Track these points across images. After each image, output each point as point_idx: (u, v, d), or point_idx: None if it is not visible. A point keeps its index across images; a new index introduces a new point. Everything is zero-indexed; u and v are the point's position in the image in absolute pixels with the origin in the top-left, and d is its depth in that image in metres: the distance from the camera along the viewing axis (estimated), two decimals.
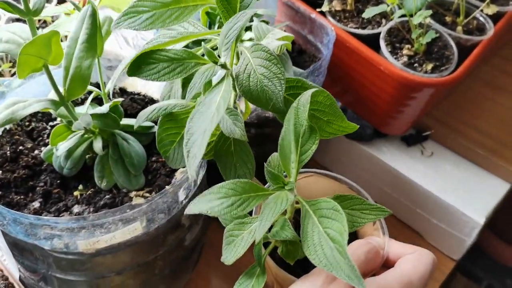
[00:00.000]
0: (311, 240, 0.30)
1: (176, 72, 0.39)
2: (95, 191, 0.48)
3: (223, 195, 0.33)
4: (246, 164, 0.41)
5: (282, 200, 0.32)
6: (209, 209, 0.32)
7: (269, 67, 0.37)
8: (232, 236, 0.35)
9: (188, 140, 0.35)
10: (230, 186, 0.33)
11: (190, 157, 0.34)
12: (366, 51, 0.56)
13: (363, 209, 0.35)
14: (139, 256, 0.46)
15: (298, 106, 0.34)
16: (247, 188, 0.33)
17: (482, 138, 0.65)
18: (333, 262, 0.28)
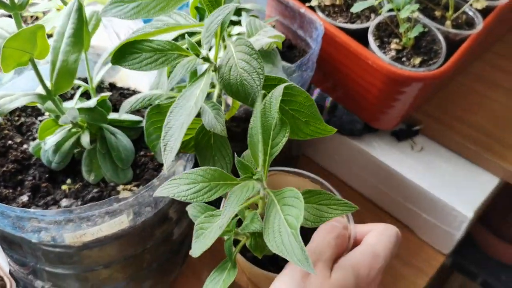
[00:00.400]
0: (272, 228, 0.30)
1: (159, 63, 0.39)
2: (83, 185, 0.48)
3: (192, 181, 0.33)
4: (224, 158, 0.41)
5: (249, 188, 0.32)
6: (176, 193, 0.33)
7: (250, 62, 0.37)
8: (202, 229, 0.36)
9: (165, 134, 0.35)
10: (199, 173, 0.33)
11: (166, 151, 0.34)
12: (354, 46, 0.56)
13: (330, 204, 0.36)
14: (126, 250, 0.46)
15: (271, 99, 0.34)
16: (216, 175, 0.34)
17: (473, 133, 0.65)
18: (288, 247, 0.29)
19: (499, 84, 0.72)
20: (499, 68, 0.74)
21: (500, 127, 0.66)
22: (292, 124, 0.40)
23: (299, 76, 0.54)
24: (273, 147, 0.36)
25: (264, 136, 0.36)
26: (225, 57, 0.39)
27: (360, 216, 0.68)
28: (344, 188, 0.70)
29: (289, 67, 0.53)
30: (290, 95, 0.39)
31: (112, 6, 0.39)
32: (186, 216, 0.53)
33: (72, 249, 0.43)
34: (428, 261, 0.63)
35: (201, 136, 0.44)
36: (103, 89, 0.58)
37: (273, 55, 0.57)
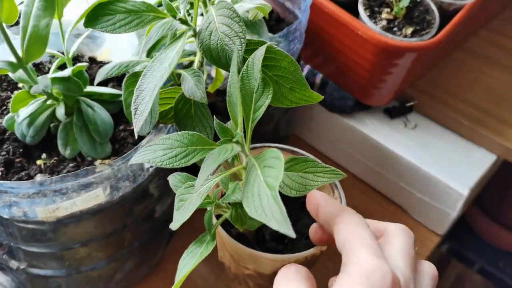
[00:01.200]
0: (251, 192, 0.28)
1: (133, 25, 0.37)
2: (59, 160, 0.46)
3: (168, 146, 0.31)
4: (206, 129, 0.39)
5: (227, 150, 0.30)
6: (152, 159, 0.31)
7: (231, 25, 0.35)
8: (182, 201, 0.34)
9: (137, 97, 0.33)
10: (176, 138, 0.31)
11: (137, 115, 0.32)
12: (344, 16, 0.54)
13: (317, 172, 0.34)
14: (104, 226, 0.44)
15: (253, 59, 0.32)
16: (194, 140, 0.32)
17: (467, 109, 0.63)
18: (267, 210, 0.27)
19: (494, 60, 0.70)
20: (495, 44, 0.72)
21: (495, 102, 0.64)
22: (276, 91, 0.38)
23: (285, 46, 0.52)
24: (256, 111, 0.34)
25: (246, 100, 0.34)
26: (205, 21, 0.37)
27: (352, 197, 0.66)
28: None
29: (274, 37, 0.51)
30: (273, 60, 0.37)
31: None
32: (169, 194, 0.51)
33: (45, 225, 0.41)
34: (422, 242, 0.61)
35: (181, 106, 0.41)
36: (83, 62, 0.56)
37: (258, 26, 0.55)
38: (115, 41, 0.60)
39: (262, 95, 0.34)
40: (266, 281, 0.44)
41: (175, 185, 0.38)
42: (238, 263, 0.43)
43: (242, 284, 0.46)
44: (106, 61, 0.57)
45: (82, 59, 0.56)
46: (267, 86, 0.34)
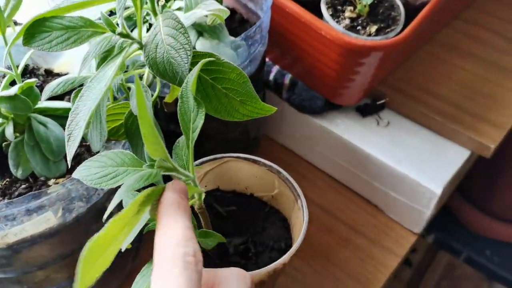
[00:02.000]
0: None
1: (70, 42, 0.35)
2: (11, 181, 0.44)
3: (102, 164, 0.30)
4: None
5: (149, 176, 0.29)
6: (85, 176, 0.29)
7: (176, 37, 0.34)
8: None
9: (71, 122, 0.32)
10: (110, 156, 0.30)
11: (70, 141, 0.30)
12: (305, 16, 0.52)
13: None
14: (60, 248, 0.43)
15: (190, 76, 0.31)
16: (126, 160, 0.30)
17: (440, 104, 0.61)
18: None
19: (468, 52, 0.68)
20: (468, 35, 0.71)
21: (469, 97, 0.62)
22: (227, 104, 0.36)
23: (245, 50, 0.50)
24: (194, 131, 0.32)
25: (185, 119, 0.33)
26: (152, 33, 0.35)
27: (327, 197, 0.65)
28: (308, 168, 0.67)
29: (234, 41, 0.49)
30: (221, 72, 0.35)
31: None
32: None
33: None
34: (398, 240, 0.60)
35: (131, 122, 0.40)
36: (38, 76, 0.54)
37: (218, 30, 0.53)
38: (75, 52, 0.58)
39: (198, 115, 0.33)
40: None
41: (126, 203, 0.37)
42: None
43: None
44: (64, 73, 0.55)
45: (37, 72, 0.54)
46: (200, 106, 0.32)
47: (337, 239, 0.60)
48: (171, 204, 0.27)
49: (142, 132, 0.27)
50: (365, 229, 0.61)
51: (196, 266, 0.24)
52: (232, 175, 0.47)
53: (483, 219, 1.07)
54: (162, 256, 0.24)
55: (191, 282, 0.23)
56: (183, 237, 0.25)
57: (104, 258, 0.26)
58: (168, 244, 0.24)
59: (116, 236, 0.27)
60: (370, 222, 0.62)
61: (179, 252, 0.24)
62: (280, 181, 0.44)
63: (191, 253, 0.24)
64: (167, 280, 0.23)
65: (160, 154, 0.28)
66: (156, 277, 0.24)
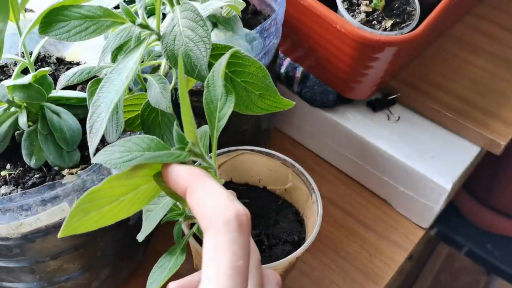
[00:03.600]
0: None
1: (90, 31, 0.35)
2: (24, 170, 0.44)
3: (126, 149, 0.30)
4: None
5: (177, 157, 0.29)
6: (108, 160, 0.29)
7: (195, 29, 0.33)
8: (148, 211, 0.32)
9: (92, 114, 0.31)
10: (135, 141, 0.30)
11: (92, 133, 0.30)
12: (321, 9, 0.52)
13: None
14: (74, 239, 0.43)
15: (218, 66, 0.31)
16: (152, 145, 0.30)
17: (451, 100, 0.61)
18: None
19: (480, 48, 0.68)
20: (479, 31, 0.70)
21: (480, 93, 0.62)
22: (246, 98, 0.36)
23: (260, 43, 0.49)
24: (220, 120, 0.32)
25: (211, 108, 0.32)
26: (170, 24, 0.35)
27: (336, 191, 0.65)
28: (318, 162, 0.67)
29: (249, 34, 0.48)
30: (241, 65, 0.35)
31: None
32: None
33: (10, 241, 0.40)
34: (406, 235, 0.60)
35: (148, 113, 0.40)
36: (50, 64, 0.53)
37: (233, 22, 0.52)
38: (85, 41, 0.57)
39: (226, 103, 0.32)
40: None
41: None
42: None
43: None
44: (75, 62, 0.54)
45: (49, 60, 0.54)
46: (230, 93, 0.32)
47: (345, 233, 0.60)
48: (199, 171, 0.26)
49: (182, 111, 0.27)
50: (374, 223, 0.61)
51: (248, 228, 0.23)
52: (245, 167, 0.47)
53: (486, 214, 1.07)
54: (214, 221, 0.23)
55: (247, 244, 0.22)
56: (228, 198, 0.23)
57: (101, 214, 0.26)
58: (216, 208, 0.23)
59: (117, 196, 0.27)
60: (379, 217, 0.62)
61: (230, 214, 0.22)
62: (294, 174, 0.44)
63: (243, 213, 0.23)
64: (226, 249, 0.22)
65: (192, 137, 0.28)
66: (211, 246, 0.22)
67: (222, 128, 0.33)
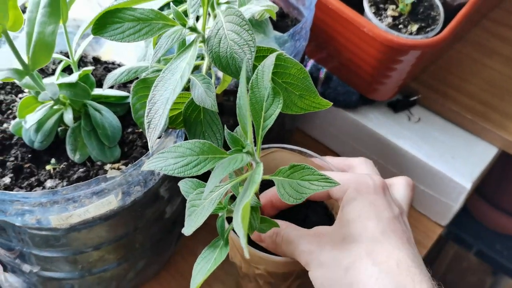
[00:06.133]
0: None
1: (142, 33, 0.37)
2: (68, 164, 0.46)
3: (180, 154, 0.32)
4: (215, 134, 0.39)
5: (237, 160, 0.30)
6: (164, 167, 0.31)
7: (240, 33, 0.35)
8: (194, 206, 0.34)
9: (149, 110, 0.33)
10: (187, 146, 0.31)
11: (150, 128, 0.32)
12: (348, 13, 0.54)
13: (312, 180, 0.34)
14: (116, 231, 0.45)
15: (263, 68, 0.32)
16: (205, 149, 0.32)
17: (470, 102, 0.63)
18: None
19: (497, 52, 0.70)
20: (497, 35, 0.72)
21: (498, 96, 0.64)
22: (286, 98, 0.38)
23: (292, 46, 0.51)
24: (266, 120, 0.34)
25: (256, 108, 0.34)
26: (214, 27, 0.36)
27: None
28: None
29: (281, 37, 0.50)
30: (282, 67, 0.37)
31: None
32: (179, 194, 0.51)
33: (58, 231, 0.42)
34: (426, 233, 0.62)
35: (190, 111, 0.41)
36: (86, 63, 0.55)
37: (264, 25, 0.54)
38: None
39: (273, 104, 0.34)
40: (277, 279, 0.45)
41: (185, 191, 0.39)
42: (249, 264, 0.44)
43: (252, 282, 0.47)
44: (111, 61, 0.56)
45: (85, 59, 0.56)
46: (277, 95, 0.34)
47: None
48: None
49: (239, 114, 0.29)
50: None
51: None
52: (277, 164, 0.48)
53: (495, 214, 1.09)
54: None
55: None
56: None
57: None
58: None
59: None
60: None
61: None
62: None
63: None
64: None
65: (250, 139, 0.29)
66: None
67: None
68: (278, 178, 0.36)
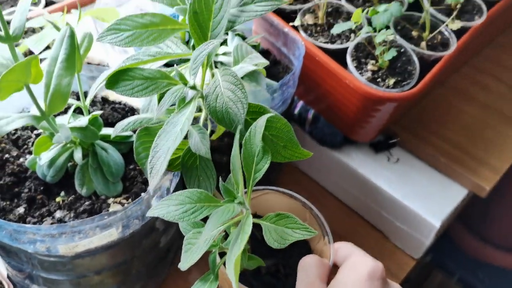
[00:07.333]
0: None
1: (149, 90, 0.41)
2: (76, 197, 0.51)
3: (180, 202, 0.37)
4: (209, 178, 0.44)
5: (229, 210, 0.35)
6: (166, 213, 0.36)
7: (235, 91, 0.40)
8: (190, 244, 0.39)
9: (152, 157, 0.38)
10: (186, 194, 0.36)
11: (153, 173, 0.37)
12: (333, 66, 0.59)
13: (295, 228, 0.39)
14: (116, 258, 0.50)
15: (255, 128, 0.38)
16: (202, 198, 0.37)
17: (445, 146, 0.69)
18: None
19: (475, 98, 0.76)
20: (474, 81, 0.78)
21: (472, 141, 0.70)
22: (271, 148, 0.42)
23: (280, 94, 0.57)
24: (256, 172, 0.39)
25: (248, 162, 0.39)
26: (212, 85, 0.41)
27: (340, 222, 0.72)
28: (323, 194, 0.74)
29: (272, 86, 0.56)
30: (269, 122, 0.41)
31: (108, 33, 0.42)
32: (173, 226, 0.57)
33: (65, 258, 0.47)
34: (400, 265, 0.68)
35: (188, 157, 0.46)
36: (96, 103, 0.61)
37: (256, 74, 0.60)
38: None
39: (262, 159, 0.39)
40: None
41: (184, 229, 0.44)
42: None
43: None
44: (118, 101, 0.62)
45: (95, 99, 0.62)
46: (266, 152, 0.39)
47: None
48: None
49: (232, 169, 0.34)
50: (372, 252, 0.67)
51: None
52: (269, 204, 0.53)
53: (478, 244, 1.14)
54: None
55: None
56: None
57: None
58: None
59: None
60: (377, 247, 0.69)
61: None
62: (311, 216, 0.51)
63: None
64: None
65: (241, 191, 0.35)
66: None
67: None
68: (265, 223, 0.40)
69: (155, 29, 0.43)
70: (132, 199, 0.51)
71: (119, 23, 0.42)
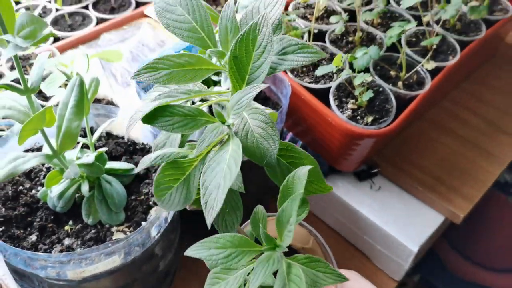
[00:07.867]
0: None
1: (189, 127, 0.42)
2: (83, 226, 0.57)
3: (221, 246, 0.38)
4: (235, 212, 0.44)
5: (274, 261, 0.37)
6: (208, 256, 0.38)
7: (265, 129, 0.40)
8: (218, 279, 0.40)
9: (204, 193, 0.39)
10: (228, 239, 0.38)
11: (207, 208, 0.38)
12: (317, 104, 0.65)
13: (326, 272, 0.39)
14: (118, 282, 0.56)
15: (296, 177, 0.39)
16: (242, 242, 0.38)
17: (423, 176, 0.74)
18: None
19: (452, 131, 0.82)
20: (453, 115, 0.84)
21: (447, 171, 0.75)
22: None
23: None
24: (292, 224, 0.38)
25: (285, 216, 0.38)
26: (240, 123, 0.41)
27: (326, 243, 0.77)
28: (311, 218, 0.79)
29: None
30: (297, 158, 0.42)
31: (145, 71, 0.43)
32: (171, 251, 0.62)
33: (73, 282, 0.53)
34: (381, 286, 0.73)
35: None
36: (100, 138, 0.67)
37: None
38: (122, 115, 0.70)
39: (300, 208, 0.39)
40: None
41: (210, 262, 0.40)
42: None
43: None
44: (121, 135, 0.68)
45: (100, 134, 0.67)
46: (305, 203, 0.40)
47: None
48: None
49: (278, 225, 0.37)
50: None
51: None
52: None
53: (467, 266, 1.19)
54: None
55: None
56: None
57: None
58: None
59: None
60: (360, 268, 0.74)
61: None
62: (315, 242, 0.56)
63: None
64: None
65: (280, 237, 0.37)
66: None
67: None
68: (296, 263, 0.39)
69: (191, 69, 0.44)
70: (134, 227, 0.56)
71: (157, 62, 0.43)
